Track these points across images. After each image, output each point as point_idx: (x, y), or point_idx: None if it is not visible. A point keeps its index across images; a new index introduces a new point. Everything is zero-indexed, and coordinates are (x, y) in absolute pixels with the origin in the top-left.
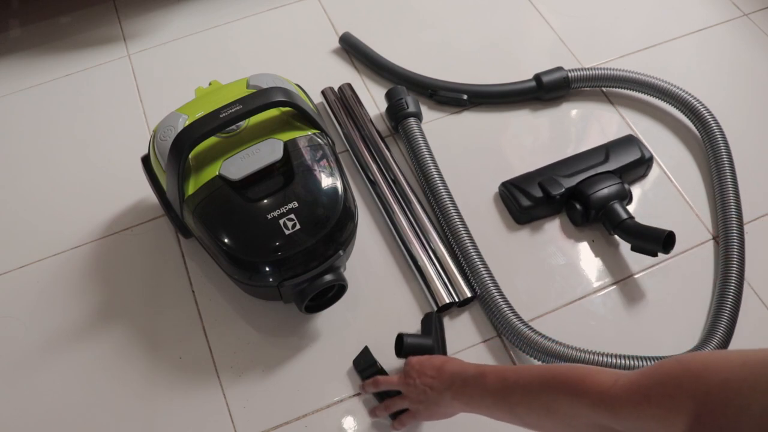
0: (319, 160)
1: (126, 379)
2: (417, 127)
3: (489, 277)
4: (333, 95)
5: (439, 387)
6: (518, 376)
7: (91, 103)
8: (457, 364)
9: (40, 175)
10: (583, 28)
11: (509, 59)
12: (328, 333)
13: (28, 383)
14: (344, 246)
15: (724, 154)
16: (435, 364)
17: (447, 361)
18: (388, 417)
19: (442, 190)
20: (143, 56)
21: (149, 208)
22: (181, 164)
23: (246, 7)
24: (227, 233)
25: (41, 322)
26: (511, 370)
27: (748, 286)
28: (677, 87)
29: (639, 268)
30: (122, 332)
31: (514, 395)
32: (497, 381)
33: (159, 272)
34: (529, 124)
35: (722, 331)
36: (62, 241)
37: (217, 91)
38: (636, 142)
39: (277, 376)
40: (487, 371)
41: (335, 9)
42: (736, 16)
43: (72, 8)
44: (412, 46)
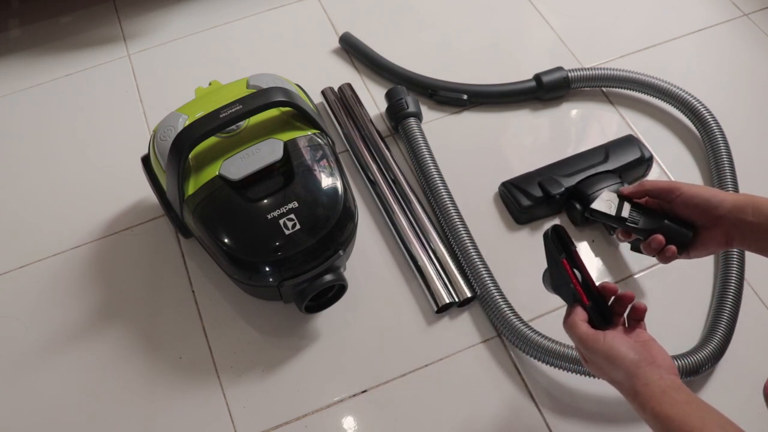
0: (319, 160)
1: (126, 379)
2: (417, 127)
3: (489, 277)
4: (333, 95)
5: (614, 382)
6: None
7: (91, 103)
8: (641, 380)
9: (40, 175)
10: (583, 28)
11: (509, 59)
12: (328, 333)
13: (28, 383)
14: (344, 246)
15: (724, 154)
16: (622, 364)
17: (635, 370)
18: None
19: (442, 190)
20: (143, 56)
21: (149, 208)
22: (181, 164)
23: (246, 7)
24: (227, 233)
25: (41, 322)
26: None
27: (748, 286)
28: (677, 87)
29: (639, 268)
30: (122, 332)
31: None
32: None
33: (159, 272)
34: (529, 124)
35: (722, 331)
36: (62, 241)
37: (217, 91)
38: (636, 141)
39: (277, 376)
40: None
41: (335, 9)
42: (736, 16)
43: (72, 8)
44: (412, 46)
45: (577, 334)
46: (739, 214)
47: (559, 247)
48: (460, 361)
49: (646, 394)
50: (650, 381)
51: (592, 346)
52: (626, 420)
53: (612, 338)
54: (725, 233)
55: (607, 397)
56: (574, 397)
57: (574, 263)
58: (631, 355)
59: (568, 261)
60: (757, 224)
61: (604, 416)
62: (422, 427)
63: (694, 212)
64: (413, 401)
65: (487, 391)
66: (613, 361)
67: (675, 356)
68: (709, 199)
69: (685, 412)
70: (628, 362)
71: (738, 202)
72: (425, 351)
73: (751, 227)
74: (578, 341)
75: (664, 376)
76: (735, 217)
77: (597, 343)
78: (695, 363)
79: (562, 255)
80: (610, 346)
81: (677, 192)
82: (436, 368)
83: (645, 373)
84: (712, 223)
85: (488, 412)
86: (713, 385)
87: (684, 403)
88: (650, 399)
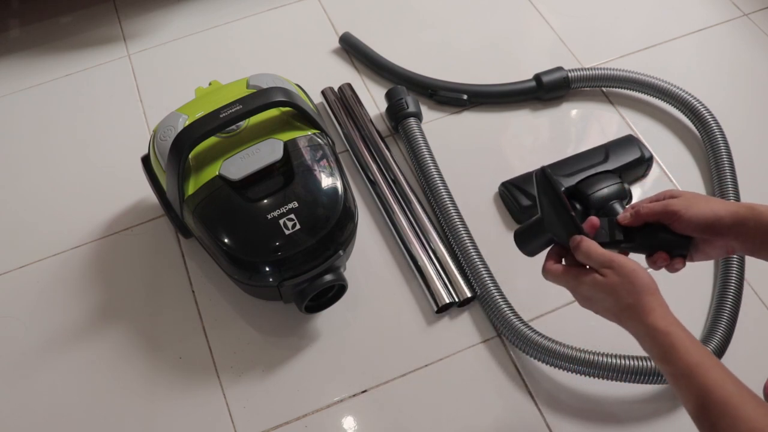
0: (319, 160)
1: (126, 379)
2: (417, 127)
3: (489, 277)
4: (333, 95)
5: (622, 300)
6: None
7: (91, 103)
8: (647, 311)
9: (40, 175)
10: (583, 28)
11: (509, 59)
12: (328, 333)
13: (28, 383)
14: (344, 246)
15: (724, 154)
16: (636, 287)
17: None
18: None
19: (442, 190)
20: (143, 56)
21: (149, 208)
22: (181, 164)
23: (246, 7)
24: (227, 233)
25: (41, 322)
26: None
27: (748, 286)
28: (677, 87)
29: None
30: (122, 332)
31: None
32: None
33: (159, 272)
34: (529, 124)
35: (722, 331)
36: (62, 241)
37: (217, 91)
38: (636, 141)
39: (277, 376)
40: (670, 347)
41: (335, 9)
42: (736, 16)
43: (72, 8)
44: (412, 46)
45: (601, 255)
46: (740, 227)
47: (553, 184)
48: (460, 361)
49: (669, 317)
50: (667, 313)
51: (618, 260)
52: (626, 420)
53: (630, 261)
54: (726, 244)
55: (607, 397)
56: (574, 397)
57: (567, 203)
58: (651, 281)
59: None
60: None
61: (604, 416)
62: (422, 427)
63: (695, 232)
64: (413, 401)
65: (487, 391)
66: (632, 279)
67: None
68: (707, 218)
69: (694, 346)
70: (648, 289)
71: (738, 215)
72: (425, 351)
73: (753, 238)
74: (604, 261)
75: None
76: (736, 231)
77: (622, 258)
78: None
79: (560, 191)
80: (632, 265)
81: (675, 216)
82: (436, 368)
83: (662, 302)
84: (713, 236)
85: (488, 411)
86: None
87: (694, 341)
88: (673, 322)
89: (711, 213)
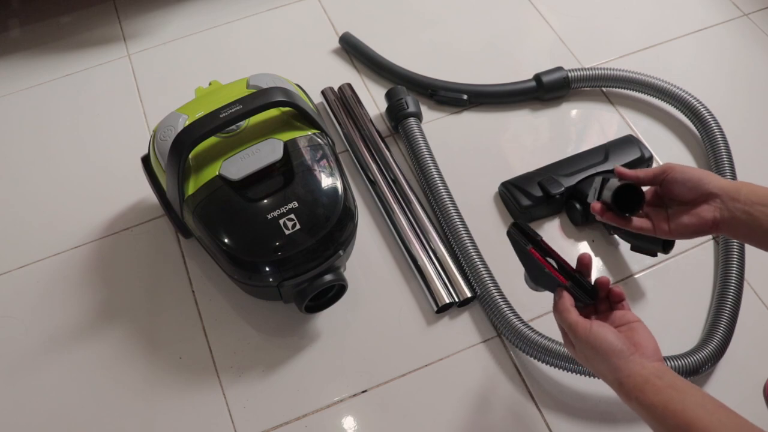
0: (319, 160)
1: (126, 379)
2: (417, 127)
3: (489, 277)
4: (333, 95)
5: (599, 373)
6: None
7: (91, 103)
8: (622, 370)
9: (40, 175)
10: (583, 28)
11: (509, 59)
12: (328, 333)
13: (28, 383)
14: (344, 246)
15: (724, 154)
16: (604, 356)
17: (615, 362)
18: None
19: (442, 190)
20: (143, 56)
21: (149, 208)
22: (181, 164)
23: (246, 7)
24: (227, 233)
25: (41, 322)
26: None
27: (748, 286)
28: (677, 87)
29: (639, 268)
30: (122, 332)
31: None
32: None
33: (159, 272)
34: (529, 124)
35: (722, 331)
36: (62, 241)
37: (217, 91)
38: (636, 141)
39: (277, 376)
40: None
41: (335, 9)
42: (736, 16)
43: (72, 8)
44: (412, 46)
45: (567, 321)
46: (731, 191)
47: (525, 240)
48: (460, 361)
49: (630, 385)
50: (633, 372)
51: (581, 335)
52: (626, 420)
53: (599, 327)
54: (714, 212)
55: (607, 397)
56: (574, 397)
57: (543, 251)
58: (615, 345)
59: (536, 249)
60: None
61: (604, 416)
62: (422, 426)
63: (684, 188)
64: (413, 401)
65: (487, 391)
66: (598, 352)
67: (675, 356)
68: (699, 176)
69: (667, 396)
70: (611, 353)
71: (733, 183)
72: (425, 351)
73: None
74: (568, 328)
75: (646, 365)
76: (726, 195)
77: (585, 331)
78: (695, 363)
79: (528, 245)
80: (596, 335)
81: (669, 171)
82: (436, 368)
83: (627, 364)
84: (702, 199)
85: (488, 411)
86: (713, 385)
87: (666, 388)
88: (633, 389)
89: (704, 173)
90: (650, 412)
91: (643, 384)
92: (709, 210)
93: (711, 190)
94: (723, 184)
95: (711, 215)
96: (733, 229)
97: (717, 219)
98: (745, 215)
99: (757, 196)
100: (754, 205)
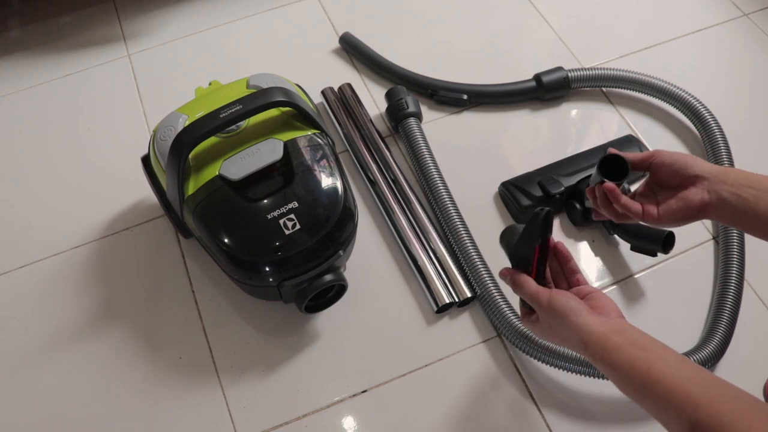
0: (319, 160)
1: (126, 379)
2: (417, 127)
3: (489, 277)
4: (333, 95)
5: (565, 341)
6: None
7: (91, 103)
8: (583, 332)
9: (40, 175)
10: (583, 28)
11: (509, 59)
12: (328, 333)
13: (28, 383)
14: (344, 246)
15: (724, 154)
16: (566, 322)
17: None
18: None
19: (442, 190)
20: (143, 56)
21: (149, 208)
22: (181, 164)
23: (246, 7)
24: (227, 233)
25: (41, 322)
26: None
27: (748, 286)
28: (677, 87)
29: (639, 268)
30: (122, 332)
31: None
32: (614, 373)
33: (159, 272)
34: (529, 124)
35: (722, 331)
36: (62, 241)
37: (217, 91)
38: (635, 141)
39: (277, 376)
40: (609, 354)
41: (335, 9)
42: (736, 16)
43: (72, 8)
44: (412, 46)
45: (529, 291)
46: (720, 174)
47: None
48: (460, 361)
49: (593, 343)
50: (593, 329)
51: (543, 301)
52: (626, 420)
53: (559, 293)
54: (701, 194)
55: (607, 397)
56: (574, 397)
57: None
58: (572, 304)
59: (540, 248)
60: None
61: (604, 416)
62: (422, 426)
63: (670, 171)
64: (413, 401)
65: (487, 391)
66: (560, 316)
67: None
68: (686, 159)
69: (630, 355)
70: (572, 313)
71: (720, 167)
72: (425, 351)
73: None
74: (530, 298)
75: (605, 320)
76: (714, 177)
77: (546, 297)
78: (695, 363)
79: (538, 241)
80: (557, 300)
81: (657, 155)
82: (436, 368)
83: (587, 321)
84: (689, 182)
85: (488, 411)
86: None
87: (628, 345)
88: (598, 348)
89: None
90: (616, 371)
91: (605, 341)
92: (696, 192)
93: (698, 172)
94: (710, 167)
95: (699, 197)
96: (720, 212)
97: (705, 201)
98: (734, 197)
99: (746, 179)
100: (743, 187)
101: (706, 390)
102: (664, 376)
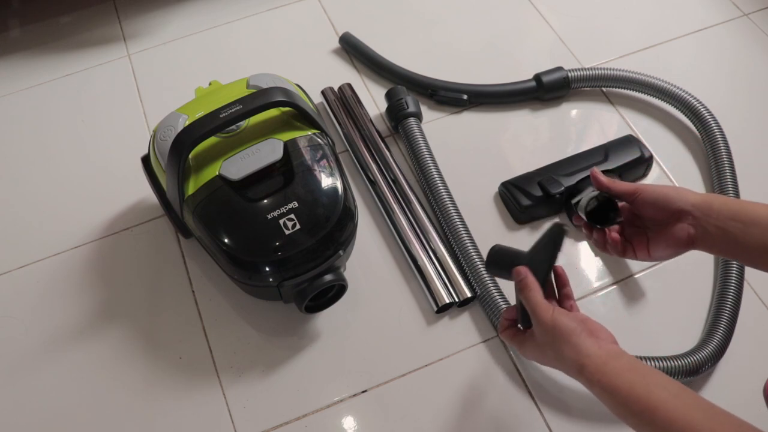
0: (319, 160)
1: (126, 379)
2: (417, 127)
3: (489, 277)
4: (333, 95)
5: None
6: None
7: (91, 103)
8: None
9: (40, 175)
10: (583, 28)
11: (509, 59)
12: (328, 333)
13: (28, 383)
14: (344, 246)
15: (724, 154)
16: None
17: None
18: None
19: (442, 190)
20: (143, 56)
21: (149, 208)
22: (181, 164)
23: (246, 7)
24: (227, 233)
25: (41, 322)
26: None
27: (748, 286)
28: (677, 87)
29: (639, 268)
30: (122, 332)
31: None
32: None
33: (159, 272)
34: (529, 124)
35: (722, 331)
36: (62, 241)
37: (217, 91)
38: (635, 141)
39: (277, 376)
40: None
41: (335, 9)
42: (736, 16)
43: (72, 8)
44: (412, 46)
45: (533, 300)
46: (704, 206)
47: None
48: (460, 361)
49: (591, 367)
50: (591, 352)
51: (544, 316)
52: None
53: (561, 311)
54: (687, 230)
55: None
56: (574, 397)
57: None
58: (575, 325)
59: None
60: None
61: (604, 416)
62: (422, 426)
63: (654, 208)
64: (413, 401)
65: (487, 390)
66: (560, 334)
67: (675, 356)
68: (668, 194)
69: (629, 379)
70: (572, 333)
71: (705, 197)
72: (425, 351)
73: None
74: (532, 308)
75: (602, 345)
76: (699, 210)
77: (548, 313)
78: (695, 363)
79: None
80: (559, 318)
81: (639, 192)
82: (436, 368)
83: (586, 343)
84: (674, 218)
85: (488, 411)
86: (713, 385)
87: (627, 371)
88: (595, 371)
89: (674, 191)
90: (614, 396)
91: (603, 365)
92: (682, 228)
93: (682, 206)
94: (694, 199)
95: (685, 233)
96: (708, 245)
97: (691, 235)
98: (720, 231)
99: (730, 211)
100: (727, 220)
101: (708, 418)
102: (664, 402)
